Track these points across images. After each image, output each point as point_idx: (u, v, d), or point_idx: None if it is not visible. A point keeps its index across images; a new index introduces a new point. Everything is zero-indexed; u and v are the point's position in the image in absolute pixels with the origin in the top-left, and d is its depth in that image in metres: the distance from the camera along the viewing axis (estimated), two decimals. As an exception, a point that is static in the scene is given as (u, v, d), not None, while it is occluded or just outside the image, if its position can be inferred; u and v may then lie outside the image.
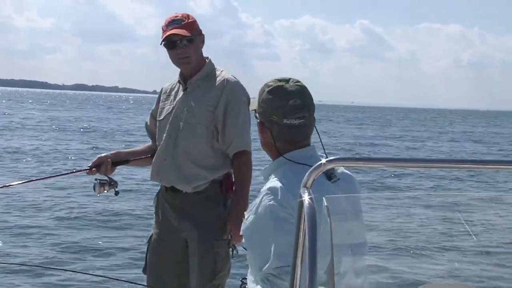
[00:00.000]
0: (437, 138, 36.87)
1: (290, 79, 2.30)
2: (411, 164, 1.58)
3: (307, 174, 1.49)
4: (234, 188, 3.44)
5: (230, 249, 3.40)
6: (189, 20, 3.42)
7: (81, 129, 30.71)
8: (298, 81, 2.30)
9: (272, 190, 2.13)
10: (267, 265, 2.06)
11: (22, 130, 28.30)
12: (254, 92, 2.43)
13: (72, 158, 18.04)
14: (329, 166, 1.50)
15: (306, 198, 1.42)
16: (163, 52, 3.48)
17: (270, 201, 2.12)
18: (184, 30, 3.37)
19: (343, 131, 38.70)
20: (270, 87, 2.28)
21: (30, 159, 17.10)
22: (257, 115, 2.33)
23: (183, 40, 3.37)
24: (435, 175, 14.58)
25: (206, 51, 3.53)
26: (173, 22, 3.39)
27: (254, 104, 2.39)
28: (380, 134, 37.40)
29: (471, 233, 1.93)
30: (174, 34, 3.36)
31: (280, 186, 2.12)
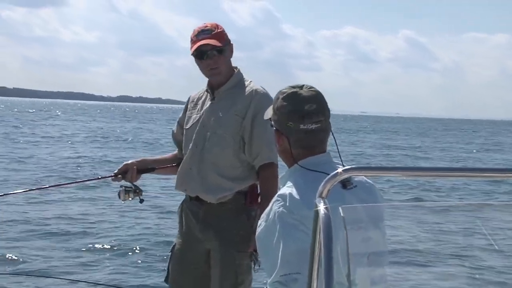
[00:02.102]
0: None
1: (303, 85, 2.30)
2: (428, 173, 1.55)
3: (322, 183, 1.48)
4: (259, 200, 3.39)
5: (252, 261, 3.38)
6: (219, 30, 3.39)
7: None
8: (312, 87, 2.30)
9: (282, 197, 2.13)
10: (274, 273, 2.05)
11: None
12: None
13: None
14: (345, 175, 1.48)
15: (321, 208, 1.40)
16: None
17: (279, 208, 2.11)
18: (215, 40, 3.35)
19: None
20: (285, 94, 2.28)
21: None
22: (272, 123, 2.33)
23: (213, 50, 3.35)
24: (457, 184, 14.47)
25: (248, 63, 3.51)
26: (203, 32, 3.37)
27: (269, 113, 2.38)
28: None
29: (493, 243, 1.90)
30: (205, 44, 3.34)
31: (290, 193, 2.12)
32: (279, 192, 2.17)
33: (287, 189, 2.15)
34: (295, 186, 2.15)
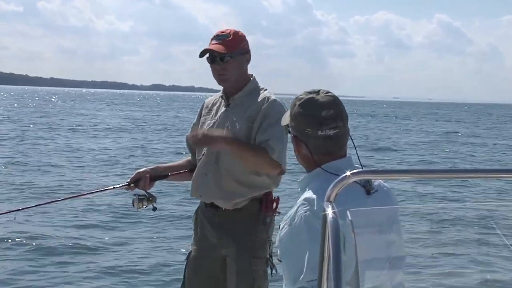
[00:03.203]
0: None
1: (320, 90, 2.28)
2: (438, 175, 1.54)
3: (330, 187, 1.47)
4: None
5: (268, 267, 3.38)
6: (234, 37, 3.40)
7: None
8: (328, 92, 2.28)
9: (308, 201, 2.10)
10: (300, 278, 2.02)
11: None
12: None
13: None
14: (354, 179, 1.47)
15: (329, 212, 1.39)
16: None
17: (305, 212, 2.08)
18: (222, 47, 3.35)
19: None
20: (301, 100, 2.26)
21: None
22: (290, 129, 2.31)
23: (221, 57, 3.36)
24: (470, 184, 14.30)
25: (280, 50, 3.43)
26: (217, 37, 3.40)
27: (286, 120, 2.38)
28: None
29: (508, 243, 1.88)
30: (212, 50, 3.36)
31: (316, 197, 2.08)
32: (305, 196, 2.14)
33: (312, 193, 2.12)
34: (321, 191, 2.11)
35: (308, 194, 2.14)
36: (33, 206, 4.03)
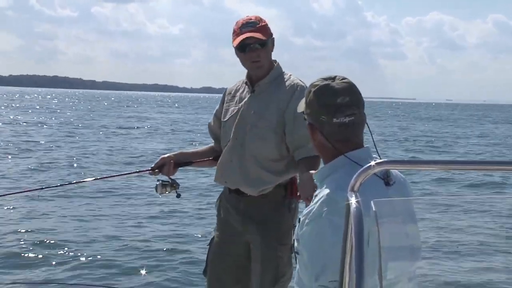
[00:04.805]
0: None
1: (336, 76, 2.22)
2: (462, 167, 1.51)
3: (354, 176, 1.45)
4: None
5: (293, 254, 3.37)
6: (262, 24, 3.39)
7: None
8: (344, 78, 2.22)
9: (331, 197, 2.04)
10: (323, 277, 1.98)
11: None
12: (379, 93, 2.29)
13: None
14: (378, 169, 1.45)
15: (353, 201, 1.38)
16: (286, 51, 3.43)
17: (328, 208, 2.02)
18: (259, 34, 3.34)
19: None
20: (316, 87, 2.20)
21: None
22: (305, 116, 2.26)
23: (256, 43, 3.34)
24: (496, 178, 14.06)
25: (331, 52, 3.40)
26: (248, 25, 3.37)
27: (301, 106, 2.32)
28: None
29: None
30: (250, 37, 3.33)
31: (339, 193, 1.99)
32: (327, 191, 2.07)
33: (335, 188, 2.05)
34: (344, 184, 2.07)
35: (331, 189, 2.07)
36: (55, 186, 4.08)
